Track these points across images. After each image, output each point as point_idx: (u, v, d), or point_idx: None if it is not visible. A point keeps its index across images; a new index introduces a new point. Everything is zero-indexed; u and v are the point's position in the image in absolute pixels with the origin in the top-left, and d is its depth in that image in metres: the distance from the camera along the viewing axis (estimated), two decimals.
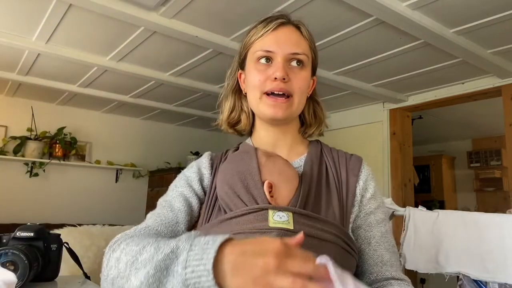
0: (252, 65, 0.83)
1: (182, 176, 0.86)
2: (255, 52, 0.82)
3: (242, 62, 0.88)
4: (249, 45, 0.85)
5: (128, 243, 0.63)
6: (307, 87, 0.84)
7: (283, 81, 0.78)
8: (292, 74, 0.80)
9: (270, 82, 0.79)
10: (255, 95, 0.82)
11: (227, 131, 0.93)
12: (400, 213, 1.57)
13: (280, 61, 0.79)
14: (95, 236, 1.46)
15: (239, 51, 0.89)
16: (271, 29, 0.81)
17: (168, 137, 4.81)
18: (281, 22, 0.82)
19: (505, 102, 2.82)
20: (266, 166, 0.77)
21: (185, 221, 0.78)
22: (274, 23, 0.82)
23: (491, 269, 1.29)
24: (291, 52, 0.80)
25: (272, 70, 0.79)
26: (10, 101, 3.83)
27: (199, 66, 2.82)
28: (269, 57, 0.81)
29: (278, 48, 0.80)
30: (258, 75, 0.81)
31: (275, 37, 0.81)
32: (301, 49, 0.81)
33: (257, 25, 0.85)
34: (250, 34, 0.85)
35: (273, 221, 0.67)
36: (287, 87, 0.79)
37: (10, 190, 3.75)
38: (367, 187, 0.82)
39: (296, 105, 0.82)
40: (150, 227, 0.75)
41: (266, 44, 0.81)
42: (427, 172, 5.49)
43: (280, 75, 0.78)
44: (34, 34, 2.39)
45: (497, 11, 1.95)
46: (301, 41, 0.83)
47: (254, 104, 0.84)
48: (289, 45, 0.80)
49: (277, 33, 0.82)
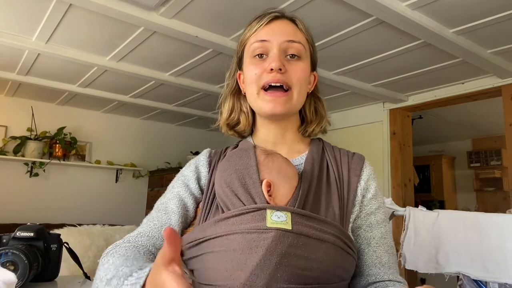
0: (248, 60, 0.83)
1: (180, 176, 0.86)
2: (250, 46, 0.82)
3: (240, 61, 0.87)
4: (245, 42, 0.84)
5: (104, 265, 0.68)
6: (306, 79, 0.83)
7: (279, 71, 0.77)
8: (289, 65, 0.79)
9: (266, 74, 0.78)
10: (252, 91, 0.81)
11: (227, 133, 0.92)
12: (400, 213, 1.57)
13: (276, 52, 0.78)
14: (95, 236, 1.46)
15: (236, 51, 0.88)
16: (265, 23, 0.81)
17: (168, 137, 4.82)
18: (275, 15, 0.82)
19: (505, 102, 2.82)
20: (265, 164, 0.76)
21: (179, 223, 0.78)
22: (267, 17, 0.81)
23: (491, 269, 1.29)
24: (287, 39, 0.79)
25: (268, 62, 0.79)
26: (10, 101, 3.84)
27: (199, 66, 2.82)
28: (264, 50, 0.80)
29: (273, 37, 0.79)
30: (254, 69, 0.80)
31: (270, 29, 0.81)
32: (297, 37, 0.80)
33: (251, 22, 0.84)
34: (245, 32, 0.85)
35: (271, 221, 0.66)
36: (284, 78, 0.78)
37: (10, 190, 3.75)
38: (369, 187, 0.81)
39: (295, 99, 0.80)
40: (142, 233, 0.76)
41: (260, 35, 0.80)
42: (427, 172, 5.50)
43: (276, 65, 0.76)
44: (34, 34, 2.39)
45: (497, 11, 1.95)
46: (297, 32, 0.82)
47: (252, 100, 0.83)
48: (284, 34, 0.79)
49: (272, 25, 0.81)
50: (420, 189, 5.28)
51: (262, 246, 0.62)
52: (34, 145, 3.77)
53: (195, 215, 0.81)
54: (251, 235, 0.64)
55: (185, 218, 0.80)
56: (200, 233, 0.71)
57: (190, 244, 0.72)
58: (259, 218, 0.66)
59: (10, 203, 3.72)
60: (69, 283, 0.97)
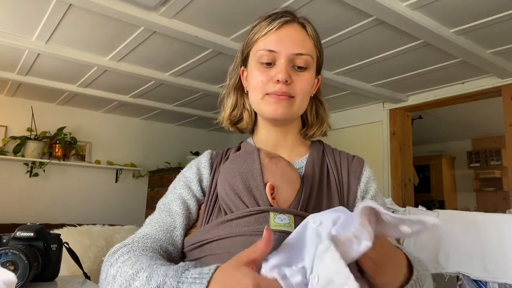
0: (254, 65, 0.81)
1: (181, 177, 0.85)
2: (257, 51, 0.80)
3: (245, 60, 0.86)
4: (252, 43, 0.82)
5: (124, 262, 0.65)
6: (310, 89, 0.82)
7: (285, 83, 0.77)
8: (295, 76, 0.78)
9: (272, 84, 0.78)
10: (256, 96, 0.81)
11: (229, 129, 0.92)
12: (400, 213, 1.57)
13: (283, 62, 0.77)
14: (95, 236, 1.45)
15: (242, 48, 0.87)
16: (275, 28, 0.78)
17: (168, 137, 4.81)
18: (286, 20, 0.79)
19: (505, 102, 2.82)
20: (268, 167, 0.76)
21: (183, 225, 0.77)
22: (278, 21, 0.79)
23: (491, 269, 1.29)
24: (295, 52, 0.78)
25: (274, 72, 0.77)
26: (10, 101, 3.83)
27: (199, 66, 2.82)
28: (271, 59, 0.78)
29: (282, 48, 0.77)
30: (261, 76, 0.79)
31: (279, 37, 0.78)
32: (305, 49, 0.79)
33: (260, 22, 0.82)
34: (254, 31, 0.82)
35: (274, 223, 0.66)
36: (289, 90, 0.78)
37: (10, 190, 3.75)
38: (368, 189, 0.82)
39: (297, 107, 0.80)
40: (149, 235, 0.74)
41: (269, 44, 0.78)
42: (427, 172, 5.50)
43: (283, 77, 0.76)
44: (34, 34, 2.39)
45: (497, 11, 1.95)
46: (306, 40, 0.80)
47: (255, 103, 0.83)
48: (293, 45, 0.78)
49: (281, 32, 0.79)
50: (420, 189, 5.28)
51: None
52: (34, 145, 3.77)
53: (197, 217, 0.81)
54: (254, 237, 0.64)
55: (188, 219, 0.79)
56: (203, 235, 0.71)
57: (192, 246, 0.72)
58: (262, 220, 0.66)
59: (10, 203, 3.72)
60: (69, 283, 0.97)
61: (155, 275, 0.58)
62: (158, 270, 0.58)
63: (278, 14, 0.81)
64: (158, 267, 0.60)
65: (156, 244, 0.73)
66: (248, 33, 0.85)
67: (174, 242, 0.75)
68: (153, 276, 0.58)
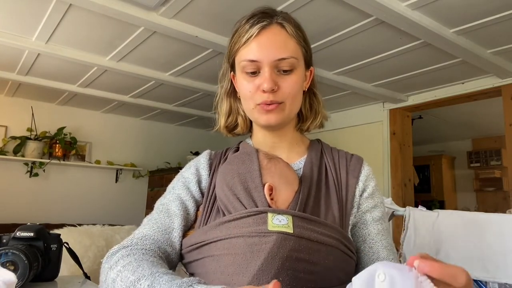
0: (240, 74, 0.80)
1: (180, 177, 0.85)
2: (240, 62, 0.78)
3: (232, 67, 0.85)
4: (234, 53, 0.81)
5: (125, 266, 0.64)
6: (299, 90, 0.81)
7: (272, 92, 0.75)
8: (282, 81, 0.76)
9: (260, 94, 0.76)
10: (248, 105, 0.81)
11: (226, 136, 0.92)
12: (400, 213, 1.57)
13: (266, 70, 0.75)
14: (95, 236, 1.45)
15: (227, 56, 0.85)
16: (254, 35, 0.76)
17: (168, 137, 4.82)
18: (263, 25, 0.76)
19: (505, 102, 2.82)
20: (267, 168, 0.76)
21: (181, 226, 0.77)
22: (256, 27, 0.76)
23: (491, 269, 1.29)
24: (277, 58, 0.75)
25: (260, 81, 0.76)
26: (10, 101, 3.84)
27: (199, 66, 2.82)
28: (255, 68, 0.76)
29: (263, 56, 0.75)
30: (248, 85, 0.78)
31: (259, 44, 0.76)
32: (287, 52, 0.76)
33: (239, 28, 0.80)
34: (234, 40, 0.81)
35: (272, 224, 0.65)
36: (276, 97, 0.76)
37: (10, 190, 3.75)
38: (366, 187, 0.82)
39: (289, 110, 0.79)
40: (147, 236, 0.74)
41: (250, 53, 0.76)
42: (427, 172, 5.50)
43: (268, 87, 0.74)
44: (34, 34, 2.39)
45: (497, 11, 1.95)
46: (287, 41, 0.77)
47: (248, 111, 0.83)
48: (274, 51, 0.75)
49: (261, 38, 0.76)
50: (420, 189, 5.28)
51: (264, 250, 0.62)
52: (34, 145, 3.77)
53: (195, 218, 0.80)
54: (253, 238, 0.64)
55: (187, 221, 0.79)
56: (201, 236, 0.71)
57: (190, 247, 0.72)
58: (260, 221, 0.66)
59: (10, 203, 3.72)
60: (69, 283, 0.97)
61: (157, 285, 0.57)
62: (161, 279, 0.58)
63: (255, 17, 0.78)
64: (160, 275, 0.59)
65: (154, 246, 0.73)
66: (229, 41, 0.83)
67: (172, 243, 0.75)
68: (155, 286, 0.57)
